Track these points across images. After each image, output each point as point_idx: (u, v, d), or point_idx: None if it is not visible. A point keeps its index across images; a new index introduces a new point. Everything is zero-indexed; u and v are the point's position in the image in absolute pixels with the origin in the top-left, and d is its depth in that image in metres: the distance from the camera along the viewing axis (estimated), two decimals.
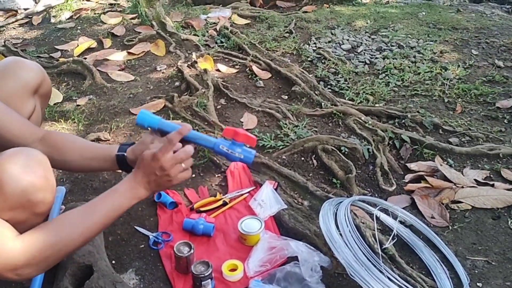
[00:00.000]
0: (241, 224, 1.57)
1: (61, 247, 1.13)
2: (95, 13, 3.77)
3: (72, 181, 1.88)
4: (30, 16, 3.77)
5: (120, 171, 1.78)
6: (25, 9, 3.90)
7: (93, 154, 1.43)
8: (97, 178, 1.89)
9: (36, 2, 4.02)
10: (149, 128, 1.38)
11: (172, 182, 1.28)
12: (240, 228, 1.55)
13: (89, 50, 3.10)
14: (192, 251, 1.43)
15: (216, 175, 1.92)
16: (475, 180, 1.87)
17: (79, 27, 3.48)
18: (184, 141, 1.30)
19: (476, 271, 1.49)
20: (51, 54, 3.05)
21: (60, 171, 1.93)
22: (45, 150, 1.28)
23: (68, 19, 3.71)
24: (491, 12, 4.08)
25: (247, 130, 2.23)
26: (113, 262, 1.50)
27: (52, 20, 3.70)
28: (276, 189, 1.76)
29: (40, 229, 1.12)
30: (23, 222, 1.14)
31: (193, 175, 1.91)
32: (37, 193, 1.10)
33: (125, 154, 1.39)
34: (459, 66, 2.84)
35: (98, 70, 2.75)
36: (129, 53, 3.04)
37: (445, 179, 1.87)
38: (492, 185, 1.83)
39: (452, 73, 2.75)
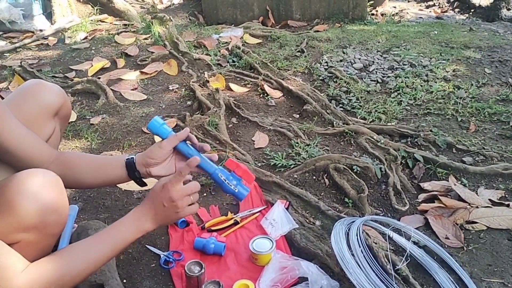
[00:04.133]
0: (252, 244, 1.56)
1: (65, 282, 1.12)
2: (109, 34, 3.84)
3: (85, 199, 1.89)
4: (46, 37, 3.85)
5: (131, 189, 1.79)
6: (41, 31, 3.98)
7: (103, 164, 1.42)
8: (109, 197, 1.90)
9: (52, 24, 4.11)
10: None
11: (179, 215, 1.27)
12: (251, 248, 1.54)
13: (103, 70, 3.15)
14: (203, 270, 1.42)
15: (227, 194, 1.91)
16: (489, 200, 1.84)
17: (93, 48, 3.55)
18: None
19: None
20: (66, 74, 3.11)
21: (72, 190, 1.95)
22: (58, 170, 1.27)
23: (83, 39, 3.78)
24: (504, 30, 4.07)
25: (258, 148, 2.23)
26: (124, 281, 1.50)
27: (67, 41, 3.78)
28: (287, 209, 1.75)
29: (46, 263, 1.10)
30: (36, 243, 1.15)
31: (204, 194, 1.91)
32: (51, 214, 1.11)
33: (134, 157, 1.37)
34: (472, 84, 2.82)
35: (111, 89, 2.79)
36: (142, 72, 3.08)
37: (459, 199, 1.84)
38: (508, 205, 1.80)
39: (465, 92, 2.73)
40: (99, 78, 2.95)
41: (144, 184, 1.44)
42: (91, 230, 1.51)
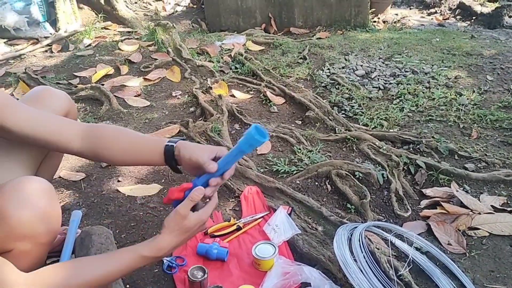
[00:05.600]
0: (255, 249, 1.56)
1: None
2: (113, 41, 3.87)
3: (88, 205, 1.90)
4: (50, 44, 3.88)
5: (134, 195, 1.80)
6: (46, 38, 4.02)
7: (140, 147, 1.32)
8: (112, 202, 1.91)
9: (56, 31, 4.14)
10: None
11: (191, 237, 1.26)
12: (254, 253, 1.54)
13: (107, 76, 3.18)
14: (206, 275, 1.42)
15: (230, 200, 1.93)
16: (492, 206, 1.84)
17: (97, 55, 3.58)
18: None
19: None
20: (70, 81, 3.13)
21: (77, 194, 1.96)
22: (88, 146, 1.26)
23: (87, 46, 3.81)
24: (506, 37, 4.09)
25: (261, 154, 2.24)
26: (128, 286, 1.50)
27: (71, 48, 3.80)
28: (290, 214, 1.76)
29: (51, 271, 1.09)
30: (28, 252, 1.14)
31: (207, 200, 1.92)
32: (42, 223, 1.10)
33: (175, 146, 1.26)
34: (474, 91, 2.83)
35: (115, 96, 2.81)
36: (145, 79, 3.10)
37: (462, 205, 1.85)
38: (510, 212, 1.80)
39: (467, 99, 2.74)
40: (102, 84, 2.97)
41: (180, 172, 1.37)
42: (95, 235, 1.51)
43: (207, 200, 1.26)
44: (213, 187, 1.23)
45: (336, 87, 2.98)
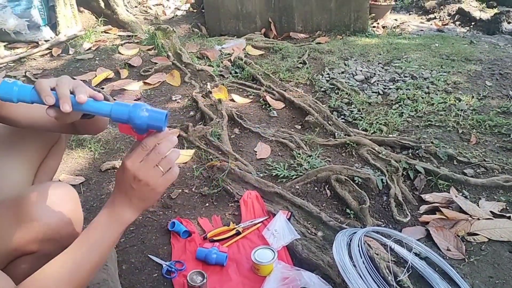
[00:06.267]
0: (254, 254, 1.56)
1: None
2: (113, 45, 3.88)
3: (88, 209, 1.90)
4: (51, 48, 3.89)
5: None
6: (46, 41, 4.02)
7: None
8: None
9: (56, 34, 4.15)
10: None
11: (156, 191, 1.03)
12: (253, 258, 1.54)
13: (107, 80, 3.18)
14: (205, 280, 1.43)
15: (229, 204, 1.93)
16: (491, 212, 1.84)
17: (97, 58, 3.58)
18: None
19: None
20: None
21: None
22: None
23: (87, 50, 3.82)
24: (505, 43, 4.10)
25: (260, 159, 2.24)
26: None
27: (71, 52, 3.81)
28: (289, 219, 1.76)
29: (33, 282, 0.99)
30: (50, 255, 1.15)
31: (207, 204, 1.92)
32: (67, 227, 1.12)
33: None
34: (473, 97, 2.84)
35: (114, 99, 2.81)
36: (145, 83, 3.10)
37: (461, 210, 1.85)
38: (509, 217, 1.80)
39: (466, 104, 2.75)
40: (102, 88, 2.97)
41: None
42: None
43: None
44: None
45: (336, 92, 2.98)
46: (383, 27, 4.99)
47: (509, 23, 4.87)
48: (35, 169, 1.43)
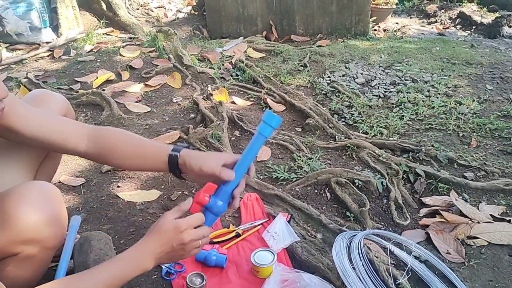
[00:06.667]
0: (254, 256, 1.56)
1: None
2: (114, 47, 3.89)
3: (88, 210, 1.90)
4: (52, 50, 3.90)
5: (134, 200, 1.80)
6: (47, 43, 4.03)
7: (144, 154, 1.30)
8: (112, 208, 1.91)
9: (58, 36, 4.16)
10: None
11: (183, 257, 1.18)
12: (252, 260, 1.54)
13: (108, 82, 3.19)
14: (204, 282, 1.42)
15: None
16: (491, 215, 1.84)
17: (98, 60, 3.59)
18: None
19: None
20: (71, 86, 3.14)
21: (76, 200, 1.97)
22: (94, 148, 1.27)
23: (88, 52, 3.83)
24: (506, 47, 4.11)
25: (261, 161, 2.25)
26: None
27: (73, 53, 3.82)
28: (289, 222, 1.76)
29: None
30: (34, 256, 1.15)
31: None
32: (49, 228, 1.10)
33: (179, 155, 1.24)
34: (473, 100, 2.84)
35: (116, 101, 2.82)
36: (146, 85, 3.11)
37: (461, 214, 1.85)
38: (509, 221, 1.80)
39: (467, 108, 2.75)
40: (103, 90, 2.98)
41: (184, 179, 1.33)
42: (94, 240, 1.51)
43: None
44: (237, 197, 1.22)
45: (336, 94, 2.99)
46: (384, 30, 5.00)
47: (510, 27, 4.87)
48: (34, 170, 1.43)
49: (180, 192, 2.02)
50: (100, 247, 1.50)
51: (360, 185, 2.00)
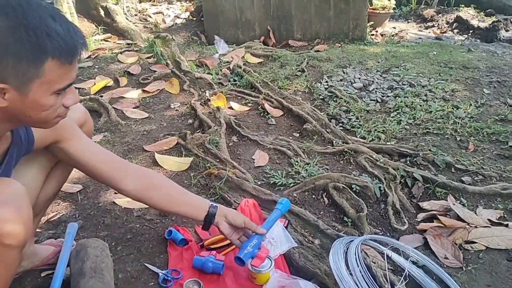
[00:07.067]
0: (251, 263, 1.56)
1: None
2: (112, 53, 3.89)
3: (85, 217, 1.90)
4: None
5: (131, 207, 1.80)
6: None
7: (186, 205, 1.51)
8: (109, 214, 1.90)
9: None
10: None
11: None
12: (250, 267, 1.53)
13: (106, 88, 3.19)
14: None
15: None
16: (488, 220, 1.84)
17: (96, 66, 3.59)
18: None
19: None
20: None
21: (73, 206, 1.96)
22: (138, 188, 1.42)
23: (86, 58, 3.82)
24: (503, 51, 4.11)
25: (258, 167, 2.25)
26: None
27: None
28: (286, 227, 1.75)
29: None
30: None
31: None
32: (6, 224, 1.10)
33: (217, 211, 1.50)
34: (471, 104, 2.85)
35: (113, 107, 2.82)
36: (144, 91, 3.11)
37: (458, 218, 1.84)
38: (506, 225, 1.80)
39: (464, 112, 2.75)
40: (101, 96, 2.98)
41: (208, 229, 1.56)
42: (90, 248, 1.51)
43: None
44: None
45: (334, 99, 2.99)
46: (382, 35, 5.01)
47: (507, 31, 4.89)
48: (45, 174, 1.43)
49: None
50: (96, 254, 1.50)
51: (357, 190, 2.00)
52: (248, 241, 1.52)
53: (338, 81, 3.29)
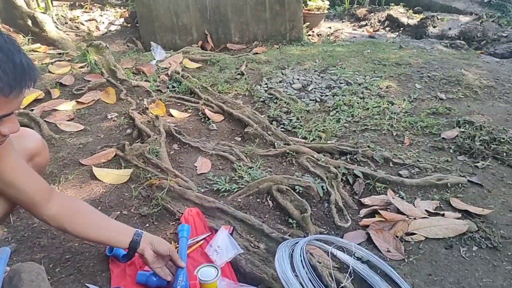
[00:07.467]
0: (198, 273, 1.52)
1: None
2: (42, 63, 3.71)
3: (18, 239, 1.79)
4: None
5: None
6: None
7: (109, 231, 1.47)
8: (45, 235, 1.80)
9: None
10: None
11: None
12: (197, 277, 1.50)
13: (37, 101, 3.02)
14: None
15: (171, 223, 1.87)
16: (426, 211, 1.91)
17: None
18: None
19: None
20: None
21: (5, 229, 1.84)
22: (62, 214, 1.39)
23: None
24: (431, 47, 4.31)
25: (201, 174, 2.21)
26: None
27: None
28: (232, 234, 1.74)
29: None
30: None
31: (147, 225, 1.86)
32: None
33: (140, 240, 1.47)
34: (404, 100, 2.95)
35: (45, 121, 2.68)
36: (78, 102, 2.99)
37: (398, 211, 1.90)
38: (443, 215, 1.88)
39: (399, 107, 2.85)
40: (32, 110, 2.82)
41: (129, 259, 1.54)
42: (24, 273, 1.41)
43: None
44: None
45: (274, 101, 3.01)
46: (318, 35, 5.11)
47: (434, 27, 5.13)
48: None
49: (118, 212, 1.94)
50: (31, 279, 1.40)
51: (301, 191, 2.01)
52: (176, 277, 1.50)
53: (277, 83, 3.31)
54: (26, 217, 1.92)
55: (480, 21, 5.03)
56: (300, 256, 1.42)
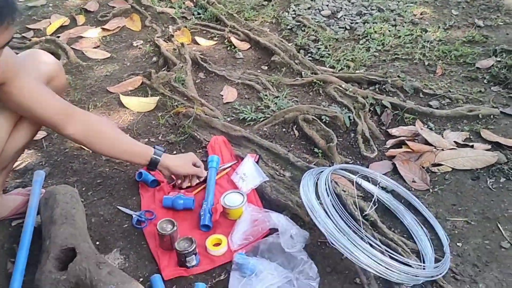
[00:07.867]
0: (224, 199, 1.57)
1: None
2: None
3: (52, 164, 1.85)
4: None
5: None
6: None
7: (128, 148, 1.55)
8: (76, 160, 1.87)
9: None
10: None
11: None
12: (222, 203, 1.55)
13: (62, 28, 3.01)
14: (175, 228, 1.43)
15: (197, 151, 1.90)
16: (455, 142, 1.88)
17: (50, 4, 3.38)
18: None
19: (456, 232, 1.51)
20: (23, 34, 2.96)
21: (39, 154, 1.91)
22: (82, 131, 1.43)
23: None
24: None
25: (227, 103, 2.21)
26: (97, 243, 1.50)
27: None
28: (257, 162, 1.76)
29: None
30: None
31: (174, 152, 1.90)
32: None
33: (160, 159, 1.57)
34: (439, 27, 2.82)
35: (72, 48, 2.68)
36: (103, 29, 2.96)
37: (426, 142, 1.88)
38: (472, 146, 1.85)
39: (432, 35, 2.73)
40: (58, 37, 2.82)
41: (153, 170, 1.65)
42: (59, 194, 1.48)
43: None
44: None
45: (302, 29, 2.91)
46: None
47: None
48: (10, 124, 1.38)
49: (146, 140, 1.98)
50: (66, 200, 1.47)
51: (327, 121, 2.00)
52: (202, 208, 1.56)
53: (305, 10, 3.18)
54: (58, 142, 1.98)
55: None
56: (325, 184, 1.43)
